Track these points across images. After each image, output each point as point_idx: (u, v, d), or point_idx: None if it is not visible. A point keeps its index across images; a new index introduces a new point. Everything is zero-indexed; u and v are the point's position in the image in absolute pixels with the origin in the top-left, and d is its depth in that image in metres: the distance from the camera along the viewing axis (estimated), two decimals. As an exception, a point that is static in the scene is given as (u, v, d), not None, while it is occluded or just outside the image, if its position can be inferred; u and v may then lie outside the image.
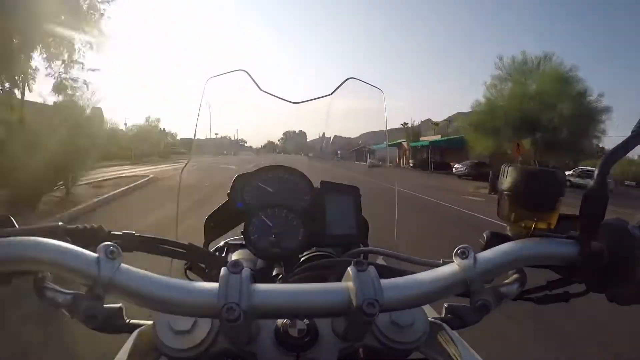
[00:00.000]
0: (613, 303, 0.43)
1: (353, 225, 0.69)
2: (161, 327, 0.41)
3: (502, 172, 0.44)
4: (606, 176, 0.41)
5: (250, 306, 0.34)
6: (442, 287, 0.40)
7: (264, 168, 0.71)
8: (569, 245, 0.42)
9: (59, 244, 0.36)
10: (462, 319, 0.50)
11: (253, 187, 0.69)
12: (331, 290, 0.37)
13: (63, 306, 0.39)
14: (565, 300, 0.48)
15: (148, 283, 0.36)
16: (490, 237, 0.46)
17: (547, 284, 0.48)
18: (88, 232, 0.47)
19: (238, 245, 0.75)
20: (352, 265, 0.38)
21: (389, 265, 0.52)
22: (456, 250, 0.42)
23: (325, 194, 0.70)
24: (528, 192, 0.42)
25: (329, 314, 0.39)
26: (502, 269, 0.42)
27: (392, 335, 0.44)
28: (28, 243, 0.36)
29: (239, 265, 0.36)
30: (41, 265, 0.36)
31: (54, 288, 0.40)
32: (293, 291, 0.37)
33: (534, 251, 0.42)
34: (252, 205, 0.67)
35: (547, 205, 0.42)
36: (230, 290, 0.34)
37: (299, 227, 0.64)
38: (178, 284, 0.36)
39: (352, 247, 0.66)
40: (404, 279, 0.40)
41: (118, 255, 0.36)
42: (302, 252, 0.65)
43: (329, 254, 0.67)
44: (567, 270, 0.44)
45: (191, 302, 0.35)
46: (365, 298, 0.35)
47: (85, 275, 0.35)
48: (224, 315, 0.33)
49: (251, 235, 0.63)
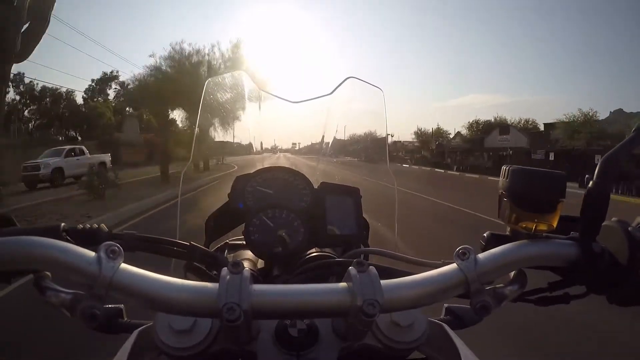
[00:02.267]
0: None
1: (353, 226, 0.69)
2: (161, 326, 0.41)
3: (503, 173, 0.44)
4: (606, 178, 0.41)
5: (251, 306, 0.34)
6: (443, 288, 0.40)
7: (264, 169, 0.71)
8: (569, 246, 0.42)
9: (59, 243, 0.36)
10: (461, 320, 0.50)
11: (253, 188, 0.69)
12: (332, 291, 0.37)
13: (63, 305, 0.39)
14: (566, 302, 0.48)
15: (149, 283, 0.36)
16: (491, 238, 0.46)
17: (547, 285, 0.48)
18: (89, 232, 0.47)
19: (238, 246, 0.75)
20: (352, 265, 0.38)
21: (389, 266, 0.52)
22: (456, 251, 0.42)
23: (326, 195, 0.70)
24: (529, 194, 0.42)
25: (330, 314, 0.39)
26: (502, 270, 0.42)
27: (392, 335, 0.44)
28: (29, 242, 0.36)
29: (240, 266, 0.36)
30: (42, 265, 0.36)
31: (54, 287, 0.40)
32: (293, 291, 0.37)
33: (534, 252, 0.42)
34: (252, 206, 0.67)
35: (548, 207, 0.42)
36: (230, 290, 0.34)
37: (299, 228, 0.64)
38: (179, 284, 0.36)
39: (352, 248, 0.66)
40: (405, 279, 0.40)
41: (119, 255, 0.36)
42: (302, 252, 0.65)
43: (329, 255, 0.67)
44: (568, 272, 0.44)
45: (191, 301, 0.35)
46: (365, 298, 0.35)
47: (85, 275, 0.35)
48: (224, 315, 0.33)
49: (252, 235, 0.63)
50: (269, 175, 0.71)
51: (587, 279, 0.43)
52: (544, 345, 2.52)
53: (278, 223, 0.64)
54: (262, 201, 0.67)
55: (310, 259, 0.64)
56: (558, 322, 2.73)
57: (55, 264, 0.35)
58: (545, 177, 0.42)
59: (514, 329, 2.53)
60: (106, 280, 0.35)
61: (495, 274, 0.42)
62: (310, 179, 0.71)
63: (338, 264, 0.53)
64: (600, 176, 0.41)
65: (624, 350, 2.51)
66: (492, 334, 2.26)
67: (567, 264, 0.42)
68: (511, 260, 0.42)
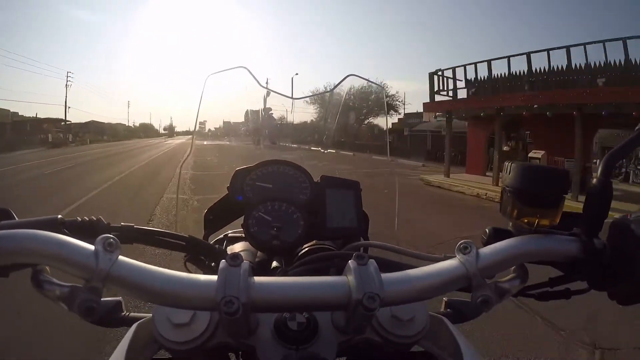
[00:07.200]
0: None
1: (353, 219, 0.69)
2: (160, 319, 0.41)
3: (505, 169, 0.44)
4: (610, 174, 0.41)
5: (250, 299, 0.34)
6: (444, 282, 0.40)
7: (264, 162, 0.71)
8: (571, 242, 0.42)
9: (56, 236, 0.36)
10: (462, 313, 0.49)
11: (252, 181, 0.68)
12: (331, 284, 0.37)
13: (61, 299, 0.38)
14: (567, 297, 0.48)
15: (147, 275, 0.35)
16: (493, 232, 0.46)
17: (548, 280, 0.48)
18: (86, 225, 0.47)
19: (237, 238, 0.75)
20: (352, 258, 0.37)
21: (389, 259, 0.52)
22: (458, 245, 0.41)
23: (326, 188, 0.70)
24: (531, 189, 0.41)
25: (329, 308, 0.38)
26: (503, 265, 0.42)
27: (392, 329, 0.44)
28: (26, 235, 0.35)
29: (239, 258, 0.36)
30: (39, 258, 0.36)
31: (51, 280, 0.40)
32: (293, 284, 0.37)
33: (536, 247, 0.42)
34: (251, 198, 0.66)
35: (550, 202, 0.42)
36: (229, 283, 0.34)
37: (299, 220, 0.64)
38: (177, 277, 0.36)
39: (352, 241, 0.66)
40: (405, 273, 0.39)
41: (116, 248, 0.36)
42: (302, 245, 0.65)
43: (329, 247, 0.67)
44: (569, 268, 0.44)
45: (190, 294, 0.35)
46: (365, 292, 0.34)
47: (83, 268, 0.35)
48: (223, 308, 0.33)
49: (251, 228, 0.63)
50: (269, 169, 0.70)
51: (588, 274, 0.43)
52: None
53: (277, 216, 0.64)
54: (262, 194, 0.67)
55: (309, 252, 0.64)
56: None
57: (53, 257, 0.35)
58: (547, 173, 0.41)
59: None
60: (103, 273, 0.35)
61: (497, 268, 0.42)
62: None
63: (338, 257, 0.53)
64: (603, 173, 0.41)
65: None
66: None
67: (569, 260, 0.42)
68: (513, 255, 0.42)
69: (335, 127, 1.54)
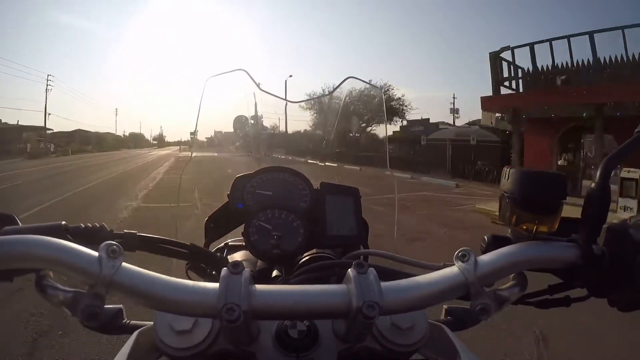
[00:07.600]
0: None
1: (353, 227, 0.69)
2: (162, 326, 0.41)
3: (504, 175, 0.44)
4: (608, 179, 0.41)
5: (251, 307, 0.34)
6: (443, 290, 0.40)
7: (264, 169, 0.71)
8: (570, 248, 0.42)
9: (60, 242, 0.36)
10: (462, 321, 0.49)
11: (253, 188, 0.69)
12: (331, 292, 0.37)
13: (64, 304, 0.39)
14: (567, 305, 0.48)
15: (149, 282, 0.36)
16: (491, 240, 0.46)
17: (548, 288, 0.48)
18: (90, 231, 0.47)
19: (238, 247, 0.75)
20: (352, 267, 0.37)
21: (389, 267, 0.52)
22: (457, 253, 0.41)
23: (325, 195, 0.70)
24: (530, 195, 0.41)
25: (330, 316, 0.39)
26: (502, 272, 0.42)
27: (392, 337, 0.44)
28: (30, 241, 0.36)
29: (240, 266, 0.36)
30: (43, 263, 0.36)
31: (55, 285, 0.40)
32: (293, 292, 0.37)
33: (535, 254, 0.42)
34: (252, 206, 0.67)
35: (549, 208, 0.42)
36: (230, 290, 0.34)
37: (299, 229, 0.64)
38: (179, 284, 0.36)
39: (352, 249, 0.66)
40: (405, 281, 0.40)
41: (119, 255, 0.36)
42: (302, 253, 0.65)
43: (329, 256, 0.67)
44: (569, 274, 0.44)
45: (192, 301, 0.35)
46: (365, 300, 0.35)
47: (86, 274, 0.35)
48: (224, 315, 0.33)
49: (251, 236, 0.63)
50: (269, 176, 0.71)
51: (587, 281, 0.43)
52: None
53: (277, 224, 0.64)
54: (262, 201, 0.67)
55: (310, 260, 0.64)
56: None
57: (56, 263, 0.35)
58: (546, 179, 0.41)
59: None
60: (107, 279, 0.35)
61: (496, 276, 0.42)
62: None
63: (338, 266, 0.53)
64: (602, 176, 0.41)
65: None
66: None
67: (568, 267, 0.42)
68: (511, 262, 0.42)
69: (334, 135, 1.50)
